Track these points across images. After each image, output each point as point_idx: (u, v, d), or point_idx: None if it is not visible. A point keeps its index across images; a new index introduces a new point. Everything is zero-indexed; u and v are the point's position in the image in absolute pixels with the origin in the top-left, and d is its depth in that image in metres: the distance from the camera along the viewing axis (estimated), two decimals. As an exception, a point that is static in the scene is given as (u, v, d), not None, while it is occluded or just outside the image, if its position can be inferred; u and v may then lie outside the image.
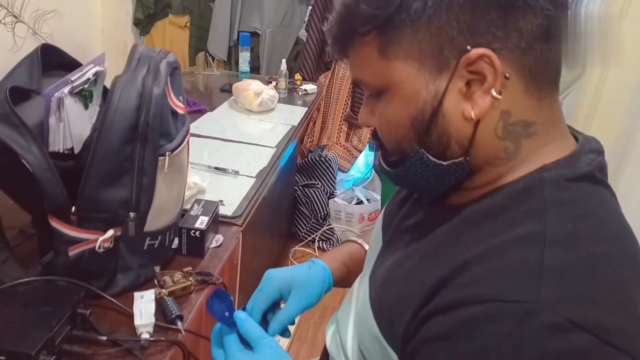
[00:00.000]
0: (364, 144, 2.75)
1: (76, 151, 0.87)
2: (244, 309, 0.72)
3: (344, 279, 0.82)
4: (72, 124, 0.85)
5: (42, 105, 0.83)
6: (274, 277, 0.74)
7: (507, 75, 0.50)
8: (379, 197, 2.80)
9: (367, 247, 0.85)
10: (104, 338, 0.79)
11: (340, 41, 0.57)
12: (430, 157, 0.55)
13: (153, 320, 0.83)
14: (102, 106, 0.94)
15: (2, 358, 0.69)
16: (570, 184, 0.52)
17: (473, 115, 0.52)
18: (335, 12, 0.57)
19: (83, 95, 0.89)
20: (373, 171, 3.01)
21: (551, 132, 0.54)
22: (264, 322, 0.73)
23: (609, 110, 2.32)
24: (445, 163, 0.55)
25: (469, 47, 0.50)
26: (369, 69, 0.55)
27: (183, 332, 0.84)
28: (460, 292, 0.48)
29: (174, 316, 0.85)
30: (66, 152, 0.86)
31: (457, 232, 0.55)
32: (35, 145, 0.77)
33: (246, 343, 0.65)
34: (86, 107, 0.91)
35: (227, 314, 0.67)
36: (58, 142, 0.83)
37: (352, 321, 0.71)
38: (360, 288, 0.70)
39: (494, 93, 0.51)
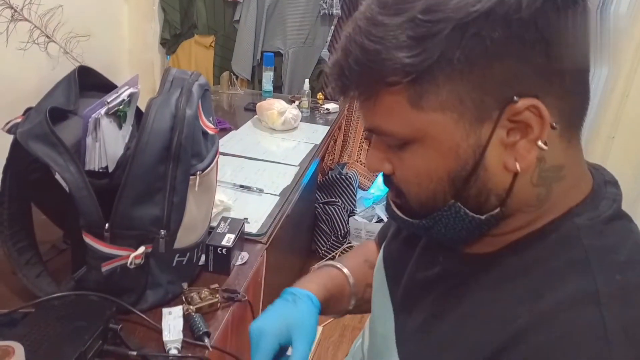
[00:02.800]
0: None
1: (110, 170, 0.90)
2: None
3: (327, 301, 0.76)
4: (107, 144, 0.87)
5: (79, 125, 0.86)
6: (268, 332, 0.66)
7: (554, 124, 0.48)
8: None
9: (345, 271, 0.81)
10: (134, 353, 0.80)
11: (357, 88, 0.51)
12: (468, 211, 0.52)
13: (181, 336, 0.85)
14: (136, 126, 0.98)
15: (37, 371, 0.71)
16: (604, 227, 0.50)
17: (518, 168, 0.49)
18: (349, 55, 0.49)
19: (117, 116, 0.92)
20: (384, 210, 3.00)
21: (577, 172, 0.53)
22: None
23: (632, 129, 2.30)
24: (483, 217, 0.52)
25: (515, 98, 0.46)
26: (396, 119, 0.50)
27: (210, 348, 0.85)
28: None
29: (201, 332, 0.86)
30: (101, 170, 0.88)
31: (493, 289, 0.53)
32: (73, 164, 0.80)
33: None
34: (120, 127, 0.94)
35: None
36: (94, 161, 0.86)
37: None
38: (384, 350, 0.65)
39: (541, 144, 0.48)
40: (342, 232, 2.64)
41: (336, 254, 2.62)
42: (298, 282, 0.77)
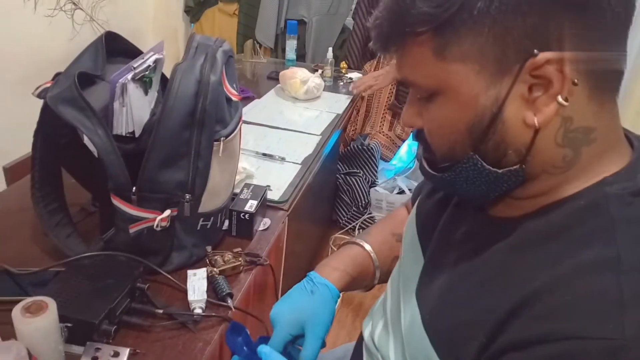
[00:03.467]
0: (408, 133, 2.74)
1: (137, 135, 0.92)
2: (262, 340, 0.70)
3: (348, 287, 0.79)
4: (134, 109, 0.89)
5: (107, 91, 0.88)
6: (279, 322, 0.70)
7: (576, 81, 0.47)
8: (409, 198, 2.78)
9: (367, 247, 0.82)
10: (160, 311, 0.83)
11: (389, 39, 0.54)
12: (485, 164, 0.52)
13: (205, 296, 0.87)
14: (162, 93, 0.99)
15: (68, 325, 0.75)
16: (634, 199, 0.49)
17: (536, 123, 0.49)
18: (385, 8, 0.52)
19: (144, 82, 0.93)
20: (416, 161, 2.99)
21: (610, 138, 0.52)
22: (285, 353, 0.71)
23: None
24: (500, 171, 0.52)
25: (535, 51, 0.46)
26: (422, 70, 0.52)
27: (233, 309, 0.88)
28: (537, 327, 0.46)
29: (224, 294, 0.89)
30: (128, 135, 0.90)
31: (517, 253, 0.53)
32: (101, 127, 0.82)
33: None
34: (146, 92, 0.95)
35: (245, 348, 0.66)
36: (121, 126, 0.88)
37: (392, 338, 0.70)
38: (406, 306, 0.67)
39: (561, 100, 0.48)
40: (363, 203, 2.65)
41: (356, 224, 2.64)
42: (321, 265, 0.79)
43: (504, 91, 0.49)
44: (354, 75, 2.35)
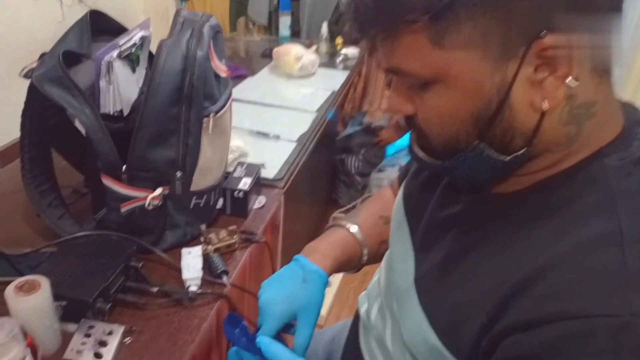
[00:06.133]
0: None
1: (125, 113, 0.91)
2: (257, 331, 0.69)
3: (336, 270, 0.78)
4: (121, 87, 0.88)
5: (93, 69, 0.87)
6: (273, 312, 0.68)
7: (584, 60, 0.46)
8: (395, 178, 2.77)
9: (353, 229, 0.81)
10: (155, 289, 0.83)
11: (374, 27, 0.49)
12: (491, 152, 0.50)
13: (200, 274, 0.87)
14: (149, 70, 0.98)
15: (63, 303, 0.75)
16: (634, 168, 0.48)
17: (546, 106, 0.47)
18: None
19: (130, 60, 0.92)
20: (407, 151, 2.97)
21: (608, 109, 0.51)
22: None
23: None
24: (507, 158, 0.50)
25: (543, 32, 0.44)
26: (417, 59, 0.48)
27: (228, 285, 0.88)
28: (541, 307, 0.45)
29: (219, 271, 0.89)
30: (116, 114, 0.89)
31: (515, 229, 0.51)
32: (88, 106, 0.81)
33: None
34: (133, 70, 0.94)
35: (244, 339, 0.66)
36: (108, 104, 0.87)
37: (389, 319, 0.69)
38: (400, 288, 0.66)
39: (570, 80, 0.46)
40: (363, 182, 2.64)
41: (357, 203, 2.64)
42: (310, 250, 0.77)
43: (510, 75, 0.46)
44: (350, 51, 2.32)
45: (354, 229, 0.81)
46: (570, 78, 0.46)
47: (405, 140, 2.93)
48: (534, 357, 0.44)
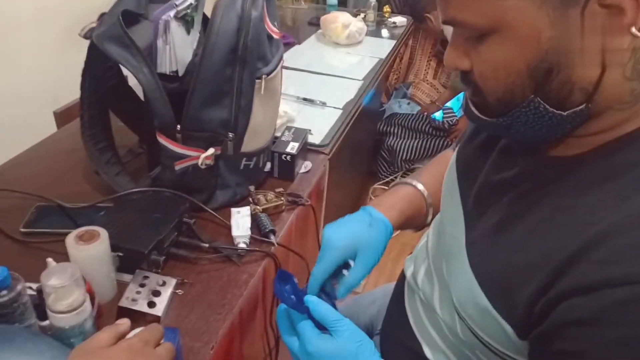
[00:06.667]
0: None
1: (180, 74, 0.93)
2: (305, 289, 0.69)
3: (402, 227, 0.78)
4: (177, 47, 0.90)
5: (150, 30, 0.89)
6: (336, 245, 0.69)
7: None
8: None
9: (420, 187, 0.81)
10: (206, 245, 0.86)
11: None
12: (548, 106, 0.48)
13: (249, 232, 0.90)
14: (203, 33, 0.99)
15: (119, 254, 0.78)
16: None
17: (609, 59, 0.45)
18: None
19: (186, 21, 0.93)
20: (462, 111, 2.91)
21: None
22: (322, 293, 0.70)
23: None
24: (565, 113, 0.48)
25: None
26: (473, 7, 0.47)
27: (276, 244, 0.90)
28: (602, 271, 0.43)
29: (267, 230, 0.91)
30: (171, 74, 0.91)
31: (576, 193, 0.49)
32: (146, 65, 0.83)
33: (320, 327, 0.63)
34: (188, 32, 0.95)
35: (292, 297, 0.66)
36: (165, 64, 0.89)
37: (436, 283, 0.69)
38: (450, 251, 0.65)
39: (635, 31, 0.43)
40: (404, 155, 2.62)
41: (397, 177, 2.62)
42: (378, 201, 0.78)
43: (569, 25, 0.44)
44: (398, 19, 2.27)
45: (419, 186, 0.82)
46: (634, 28, 0.43)
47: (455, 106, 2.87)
48: (592, 321, 0.43)
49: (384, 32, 2.22)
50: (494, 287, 0.55)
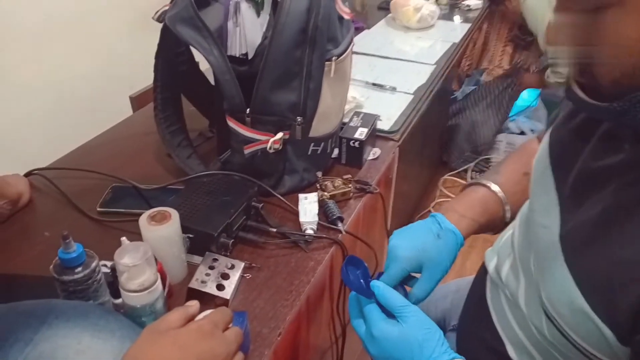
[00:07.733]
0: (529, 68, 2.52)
1: (250, 57, 0.92)
2: (378, 277, 0.69)
3: (475, 232, 0.74)
4: (247, 30, 0.89)
5: (220, 13, 0.88)
6: (401, 256, 0.67)
7: None
8: (543, 129, 2.58)
9: (495, 188, 0.76)
10: (274, 230, 0.85)
11: None
12: None
13: (317, 219, 0.88)
14: (273, 16, 0.97)
15: (190, 235, 0.79)
16: None
17: None
18: None
19: (256, 2, 0.92)
20: (539, 100, 2.76)
21: None
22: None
23: None
24: None
25: None
26: None
27: (343, 232, 0.88)
28: None
29: (335, 217, 0.89)
30: (241, 56, 0.91)
31: None
32: (216, 47, 0.83)
33: (387, 312, 0.62)
34: (258, 14, 0.94)
35: (362, 281, 0.65)
36: (235, 46, 0.88)
37: (523, 277, 0.64)
38: (541, 244, 0.61)
39: None
40: (478, 144, 2.51)
41: (469, 166, 2.52)
42: (448, 209, 0.75)
43: None
44: (472, 2, 2.18)
45: (495, 187, 0.77)
46: None
47: (526, 100, 2.73)
48: None
49: (457, 16, 2.12)
50: (593, 287, 0.50)
